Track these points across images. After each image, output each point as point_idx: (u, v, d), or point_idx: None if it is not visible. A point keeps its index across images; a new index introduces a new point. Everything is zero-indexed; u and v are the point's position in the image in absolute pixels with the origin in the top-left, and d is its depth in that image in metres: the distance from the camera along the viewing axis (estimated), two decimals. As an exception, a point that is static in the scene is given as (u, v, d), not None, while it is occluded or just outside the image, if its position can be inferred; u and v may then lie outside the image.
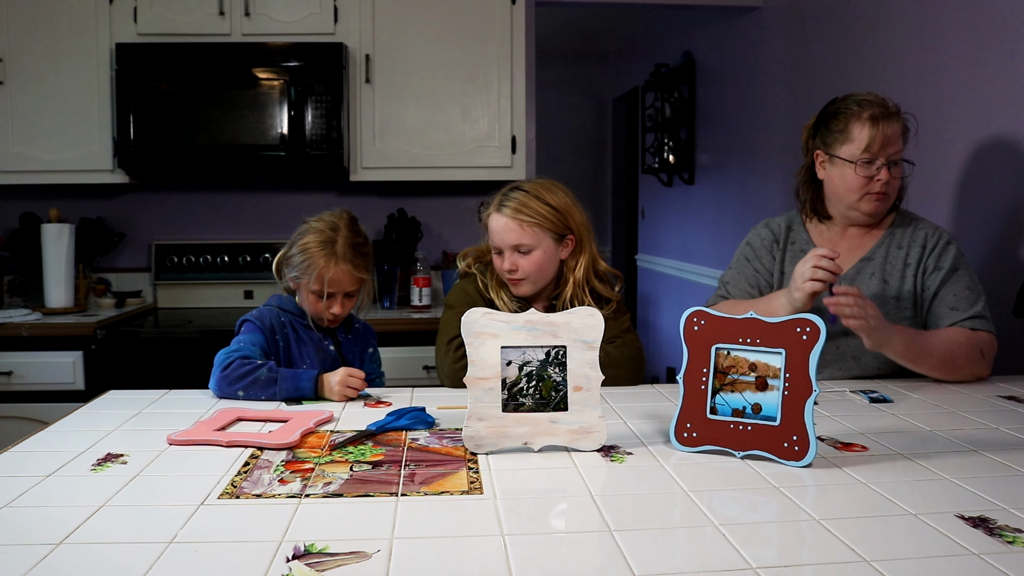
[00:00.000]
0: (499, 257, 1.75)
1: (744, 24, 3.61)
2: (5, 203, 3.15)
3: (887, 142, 1.70)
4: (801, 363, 1.12)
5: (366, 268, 1.73)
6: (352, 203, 3.33)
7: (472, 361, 1.19)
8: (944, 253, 1.74)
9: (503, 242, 1.73)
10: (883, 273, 1.77)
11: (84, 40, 2.87)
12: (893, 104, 1.74)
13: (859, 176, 1.73)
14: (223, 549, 0.85)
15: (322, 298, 1.68)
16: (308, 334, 1.75)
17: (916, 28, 2.36)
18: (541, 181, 1.78)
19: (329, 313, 1.71)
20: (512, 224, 1.71)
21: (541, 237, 1.72)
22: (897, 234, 1.79)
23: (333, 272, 1.66)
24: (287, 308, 1.75)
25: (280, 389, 1.49)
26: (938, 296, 1.72)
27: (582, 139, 6.30)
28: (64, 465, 1.12)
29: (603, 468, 1.11)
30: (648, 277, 5.37)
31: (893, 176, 1.73)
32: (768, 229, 1.91)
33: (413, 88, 3.00)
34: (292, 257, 1.71)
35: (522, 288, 1.76)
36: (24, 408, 2.62)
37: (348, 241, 1.69)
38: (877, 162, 1.71)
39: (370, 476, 1.08)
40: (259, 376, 1.50)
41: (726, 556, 0.83)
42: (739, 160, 3.72)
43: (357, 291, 1.74)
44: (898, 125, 1.72)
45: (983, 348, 1.66)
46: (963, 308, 1.69)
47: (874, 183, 1.73)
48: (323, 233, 1.69)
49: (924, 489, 1.02)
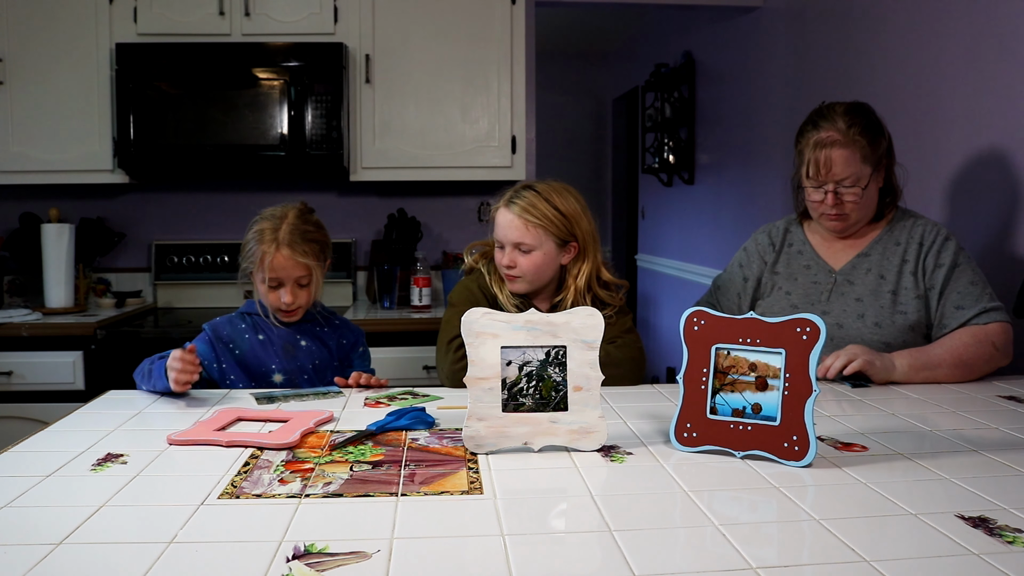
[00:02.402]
0: (500, 251, 1.77)
1: (744, 24, 3.61)
2: (5, 203, 3.15)
3: (832, 169, 1.70)
4: (801, 363, 1.12)
5: (312, 255, 1.71)
6: (352, 203, 3.33)
7: (472, 361, 1.19)
8: (943, 249, 1.73)
9: (506, 238, 1.74)
10: (880, 269, 1.77)
11: (84, 40, 2.87)
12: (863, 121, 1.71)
13: (810, 198, 1.76)
14: (223, 549, 0.85)
15: (272, 287, 1.69)
16: (277, 333, 1.75)
17: (916, 28, 2.36)
18: (554, 184, 1.77)
19: (281, 303, 1.70)
20: (517, 222, 1.71)
21: (544, 239, 1.72)
22: (896, 230, 1.79)
23: (274, 257, 1.67)
24: (251, 311, 1.77)
25: (155, 381, 1.51)
26: (944, 296, 1.71)
27: (582, 139, 6.30)
28: (64, 465, 1.12)
29: (603, 468, 1.11)
30: (648, 277, 5.37)
31: (844, 200, 1.73)
32: (766, 235, 1.95)
33: (413, 88, 3.00)
34: (245, 246, 1.74)
35: (516, 285, 1.77)
36: (24, 408, 2.62)
37: (292, 228, 1.69)
38: (826, 187, 1.73)
39: (370, 476, 1.08)
40: (147, 368, 1.55)
41: (726, 556, 0.83)
42: (739, 160, 3.72)
43: (310, 280, 1.72)
44: (851, 150, 1.69)
45: (994, 340, 1.66)
46: (968, 305, 1.69)
47: (823, 205, 1.75)
48: (270, 220, 1.71)
49: (924, 489, 1.02)
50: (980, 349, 1.65)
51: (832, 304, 1.79)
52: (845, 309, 1.78)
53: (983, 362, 1.65)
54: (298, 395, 1.55)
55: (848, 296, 1.79)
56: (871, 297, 1.76)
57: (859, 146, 1.71)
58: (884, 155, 1.76)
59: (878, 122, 1.76)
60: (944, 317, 1.71)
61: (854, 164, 1.71)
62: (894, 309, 1.73)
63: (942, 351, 1.65)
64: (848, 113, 1.73)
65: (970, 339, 1.66)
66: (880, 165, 1.75)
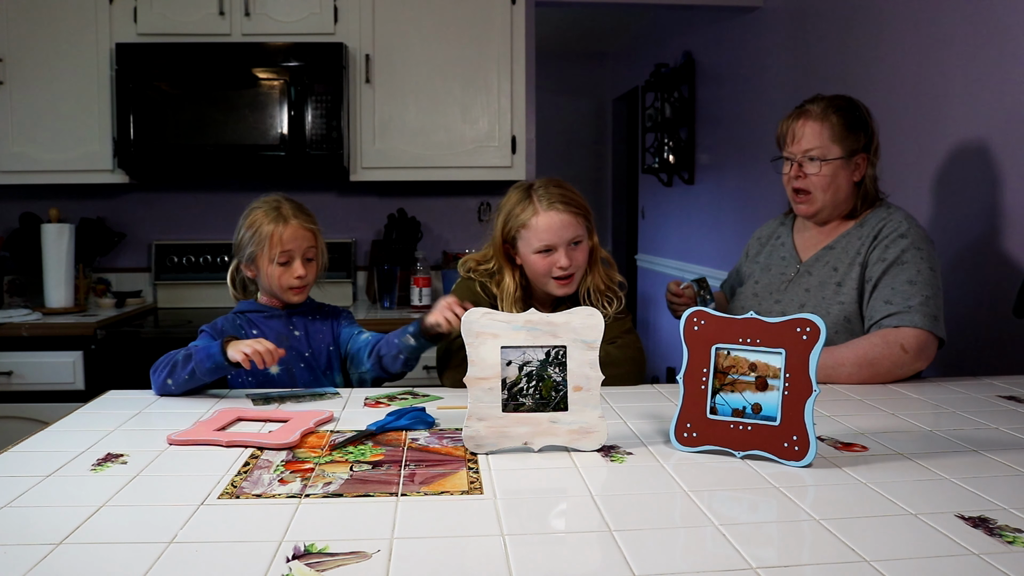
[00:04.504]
0: (546, 257, 1.70)
1: (744, 24, 3.61)
2: (5, 203, 3.15)
3: (799, 140, 1.75)
4: (801, 363, 1.12)
5: (314, 223, 1.78)
6: (352, 203, 3.33)
7: (472, 361, 1.19)
8: (892, 244, 1.69)
9: (561, 239, 1.69)
10: (836, 261, 1.77)
11: (84, 40, 2.87)
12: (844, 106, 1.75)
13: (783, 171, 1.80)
14: (223, 549, 0.85)
15: (283, 263, 1.71)
16: (271, 326, 1.76)
17: (916, 28, 2.36)
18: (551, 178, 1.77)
19: (295, 279, 1.72)
20: (569, 219, 1.69)
21: (585, 228, 1.73)
22: (866, 225, 1.77)
23: (285, 230, 1.71)
24: (245, 309, 1.79)
25: (196, 360, 1.51)
26: (877, 290, 1.68)
27: (582, 139, 6.30)
28: (64, 465, 1.12)
29: (603, 468, 1.11)
30: (648, 277, 5.37)
31: (807, 173, 1.75)
32: (766, 227, 2.02)
33: (413, 88, 3.00)
34: (242, 240, 1.75)
35: (571, 286, 1.74)
36: (24, 408, 2.62)
37: (291, 204, 1.76)
38: (794, 158, 1.77)
39: (370, 476, 1.08)
40: (176, 359, 1.53)
41: (726, 556, 0.83)
42: (739, 160, 3.72)
43: (315, 254, 1.76)
44: (822, 125, 1.73)
45: (904, 343, 1.60)
46: (896, 302, 1.64)
47: (788, 177, 1.79)
48: (266, 204, 1.75)
49: (924, 489, 1.02)
50: (887, 351, 1.60)
51: (786, 294, 1.82)
52: (793, 299, 1.79)
53: (891, 364, 1.60)
54: (295, 396, 1.55)
55: (801, 287, 1.80)
56: (818, 288, 1.76)
57: (831, 124, 1.73)
58: (861, 149, 1.76)
59: (863, 117, 1.77)
60: (872, 311, 1.67)
61: (821, 139, 1.73)
62: (834, 300, 1.72)
63: (847, 350, 1.62)
64: (832, 98, 1.78)
65: (879, 340, 1.62)
66: (854, 155, 1.75)
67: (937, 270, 1.69)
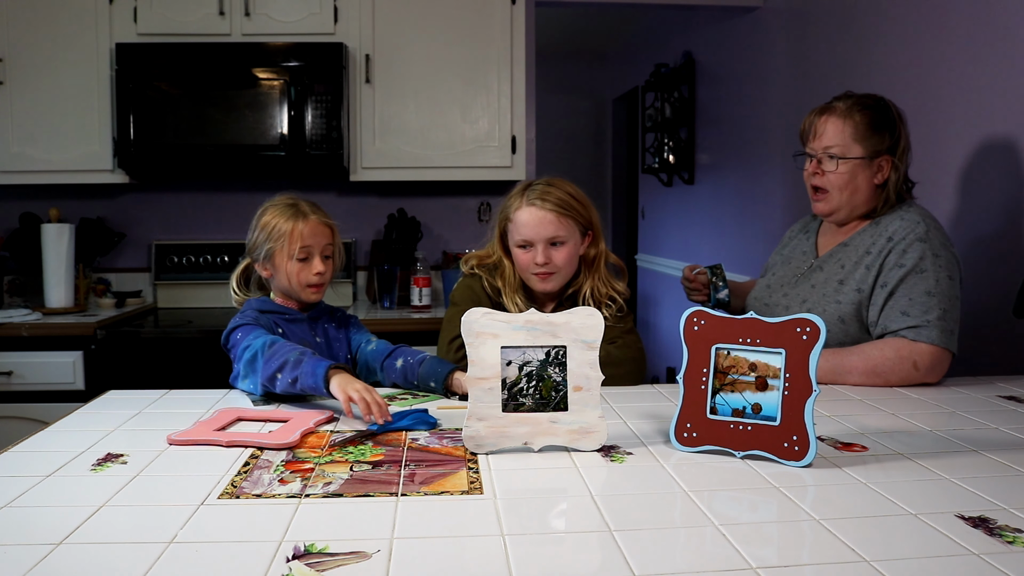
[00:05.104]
0: (526, 252, 1.72)
1: (744, 24, 3.61)
2: (5, 203, 3.15)
3: (820, 136, 1.72)
4: (801, 363, 1.12)
5: (331, 218, 1.76)
6: (352, 203, 3.33)
7: (472, 361, 1.19)
8: (910, 249, 1.64)
9: (538, 235, 1.70)
10: (846, 259, 1.74)
11: (84, 40, 2.87)
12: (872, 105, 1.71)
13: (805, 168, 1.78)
14: (223, 549, 0.85)
15: (302, 260, 1.68)
16: (292, 329, 1.74)
17: (916, 28, 2.36)
18: (552, 178, 1.77)
19: (314, 276, 1.70)
20: (550, 216, 1.69)
21: (572, 230, 1.72)
22: (881, 223, 1.73)
23: (305, 226, 1.69)
24: (267, 308, 1.73)
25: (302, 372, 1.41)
26: (893, 297, 1.63)
27: (582, 139, 6.30)
28: (64, 465, 1.12)
29: (603, 468, 1.11)
30: (648, 277, 5.37)
31: (825, 170, 1.73)
32: (801, 221, 2.02)
33: (413, 88, 3.00)
34: (258, 238, 1.73)
35: (551, 283, 1.74)
36: (24, 408, 2.62)
37: (307, 202, 1.75)
38: (815, 154, 1.74)
39: (370, 476, 1.08)
40: (288, 358, 1.44)
41: (726, 556, 0.83)
42: (739, 160, 3.72)
43: (332, 251, 1.75)
44: (844, 122, 1.69)
45: (917, 360, 1.58)
46: (914, 314, 1.60)
47: (807, 173, 1.77)
48: (282, 202, 1.74)
49: (924, 489, 1.02)
50: (899, 365, 1.58)
51: (795, 288, 1.81)
52: (799, 294, 1.79)
53: (899, 379, 1.59)
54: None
55: (809, 282, 1.79)
56: (822, 285, 1.75)
57: (854, 123, 1.70)
58: (885, 151, 1.71)
59: (891, 118, 1.72)
60: (887, 319, 1.63)
61: (843, 136, 1.70)
62: (833, 298, 1.70)
63: (857, 359, 1.60)
64: (861, 96, 1.74)
65: (892, 352, 1.59)
66: (877, 157, 1.70)
67: (955, 278, 1.65)
